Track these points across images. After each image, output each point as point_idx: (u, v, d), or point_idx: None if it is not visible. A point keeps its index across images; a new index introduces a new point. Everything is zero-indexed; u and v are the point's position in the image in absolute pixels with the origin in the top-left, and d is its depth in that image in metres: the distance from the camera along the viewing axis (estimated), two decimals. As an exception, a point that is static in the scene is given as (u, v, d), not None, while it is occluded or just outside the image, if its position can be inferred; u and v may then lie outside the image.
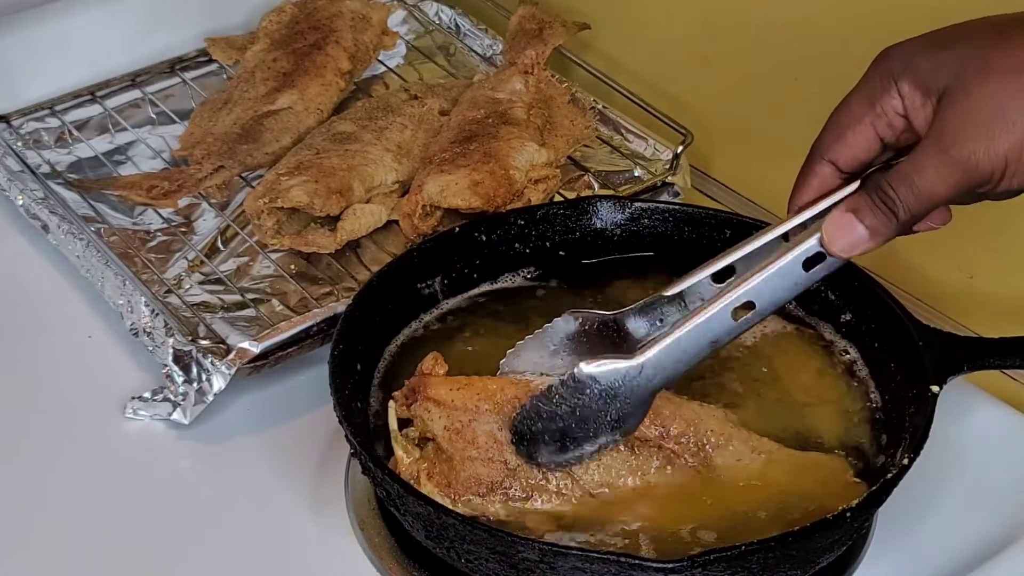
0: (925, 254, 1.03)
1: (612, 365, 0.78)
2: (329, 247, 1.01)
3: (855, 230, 0.75)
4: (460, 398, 0.80)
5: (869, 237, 0.75)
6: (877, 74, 0.76)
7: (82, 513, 0.87)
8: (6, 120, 1.16)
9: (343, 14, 1.20)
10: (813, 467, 0.82)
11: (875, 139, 0.77)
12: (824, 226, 0.76)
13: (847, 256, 0.76)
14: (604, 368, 0.78)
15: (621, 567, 0.72)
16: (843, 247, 0.76)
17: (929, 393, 0.82)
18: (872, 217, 0.75)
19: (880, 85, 0.76)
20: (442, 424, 0.80)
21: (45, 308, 1.03)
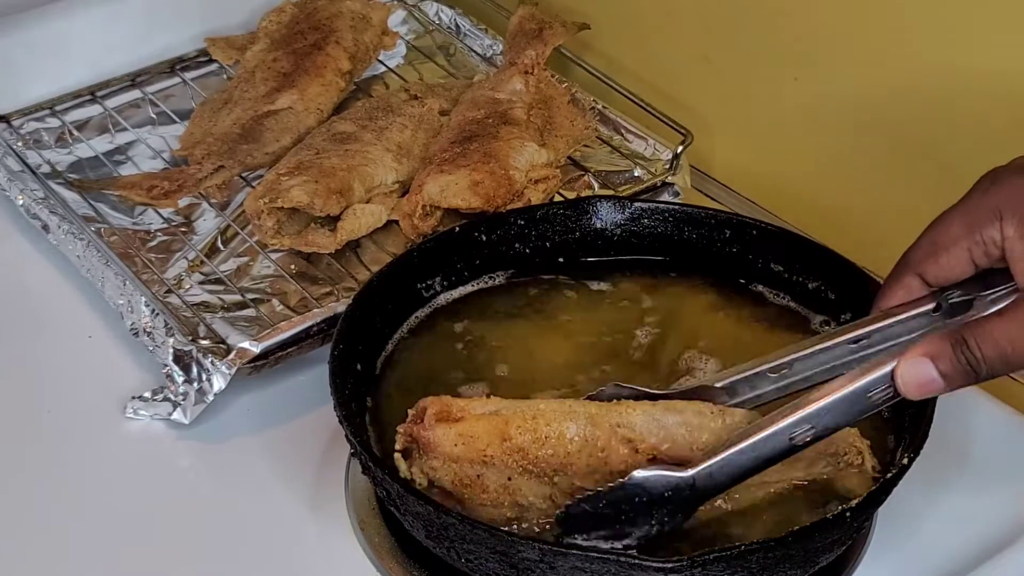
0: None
1: (663, 475, 0.76)
2: (329, 247, 1.01)
3: (931, 376, 0.74)
4: (467, 453, 0.78)
5: (944, 385, 0.74)
6: (983, 203, 0.76)
7: (82, 513, 0.87)
8: (6, 120, 1.16)
9: (343, 14, 1.20)
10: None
11: (969, 263, 0.77)
12: (899, 367, 0.75)
13: (917, 399, 0.76)
14: (655, 476, 0.76)
15: (621, 567, 0.72)
16: (914, 391, 0.75)
17: (929, 393, 0.82)
18: (950, 368, 0.74)
19: (984, 215, 0.75)
20: (449, 479, 0.79)
21: (45, 308, 1.03)
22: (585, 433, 0.78)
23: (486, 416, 0.79)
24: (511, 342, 0.92)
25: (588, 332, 0.93)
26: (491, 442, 0.78)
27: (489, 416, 0.79)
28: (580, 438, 0.78)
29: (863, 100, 1.05)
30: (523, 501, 0.79)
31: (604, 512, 0.77)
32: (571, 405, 0.79)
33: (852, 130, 1.07)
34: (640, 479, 0.76)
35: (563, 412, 0.79)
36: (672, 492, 0.76)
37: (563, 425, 0.78)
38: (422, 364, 0.90)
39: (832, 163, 1.09)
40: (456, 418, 0.79)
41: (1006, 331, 0.73)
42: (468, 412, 0.79)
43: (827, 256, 0.93)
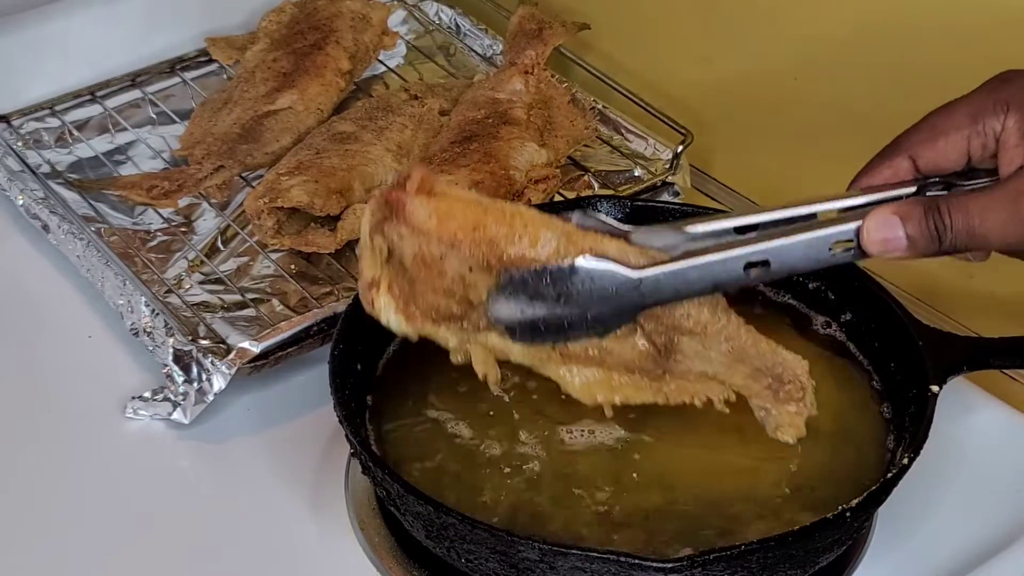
0: (925, 254, 1.03)
1: (613, 269, 0.75)
2: (329, 247, 1.01)
3: (896, 234, 0.74)
4: (437, 229, 0.75)
5: (906, 248, 0.74)
6: (991, 94, 0.76)
7: (82, 513, 0.87)
8: (6, 120, 1.16)
9: (343, 14, 1.20)
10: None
11: (964, 153, 0.76)
12: (867, 219, 0.75)
13: (876, 255, 0.75)
14: (604, 268, 0.75)
15: (621, 567, 0.72)
16: (877, 246, 0.75)
17: (929, 393, 0.82)
18: (918, 231, 0.74)
19: (990, 106, 0.75)
20: (412, 251, 0.76)
21: (45, 308, 1.03)
22: (557, 244, 0.76)
23: (467, 200, 0.77)
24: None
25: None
26: (464, 225, 0.76)
27: (470, 201, 0.77)
28: (551, 248, 0.76)
29: (863, 100, 1.05)
30: (475, 299, 0.77)
31: (545, 289, 0.75)
32: (550, 217, 0.77)
33: (852, 130, 1.07)
34: (590, 265, 0.75)
35: (542, 220, 0.77)
36: (617, 289, 0.75)
37: (539, 230, 0.76)
38: (422, 364, 0.90)
39: (832, 163, 1.09)
40: (437, 192, 0.76)
41: (980, 204, 0.73)
42: (451, 192, 0.77)
43: (827, 256, 0.93)
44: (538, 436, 0.85)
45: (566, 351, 0.78)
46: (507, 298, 0.76)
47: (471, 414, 0.87)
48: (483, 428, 0.86)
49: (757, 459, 0.84)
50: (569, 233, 0.76)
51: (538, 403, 0.87)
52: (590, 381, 0.79)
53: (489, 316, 0.76)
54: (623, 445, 0.85)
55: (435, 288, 0.76)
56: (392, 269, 0.77)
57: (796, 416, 0.80)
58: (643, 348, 0.78)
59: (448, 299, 0.76)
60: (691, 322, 0.78)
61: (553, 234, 0.76)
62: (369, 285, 0.77)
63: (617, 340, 0.78)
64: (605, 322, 0.76)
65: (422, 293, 0.76)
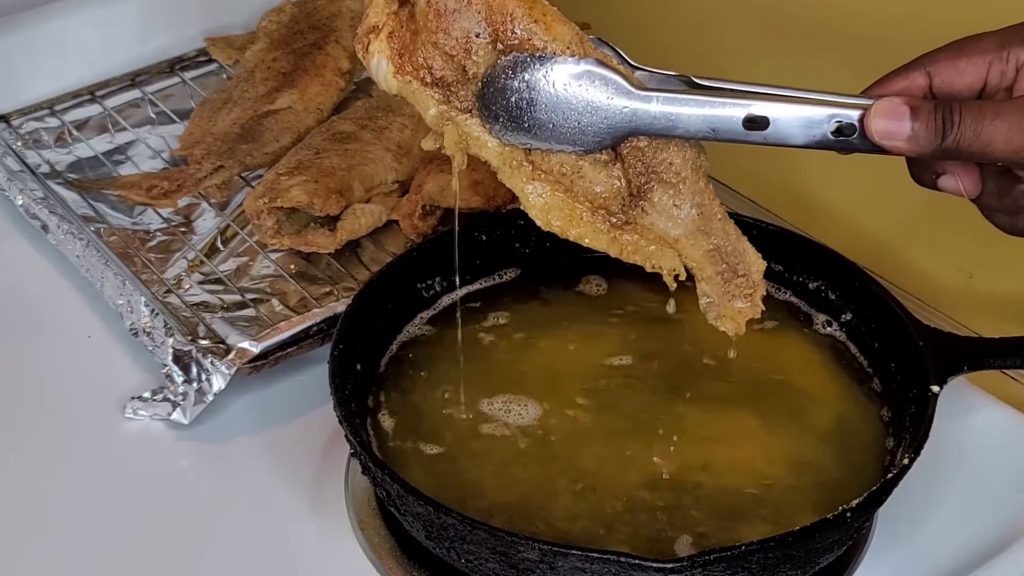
0: (925, 254, 1.03)
1: (616, 79, 0.74)
2: (329, 247, 1.01)
3: (902, 122, 0.73)
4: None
5: (908, 137, 0.73)
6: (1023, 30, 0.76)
7: (82, 513, 0.87)
8: (6, 120, 1.16)
9: (343, 14, 1.20)
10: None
11: (982, 78, 0.76)
12: (875, 104, 0.74)
13: (877, 140, 0.74)
14: (607, 76, 0.74)
15: (621, 567, 0.72)
16: (881, 130, 0.74)
17: (929, 393, 0.82)
18: (923, 124, 0.73)
19: (1020, 39, 0.75)
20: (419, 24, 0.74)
21: (45, 308, 1.03)
22: (569, 42, 0.74)
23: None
24: (512, 343, 0.92)
25: (588, 332, 0.93)
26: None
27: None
28: (563, 42, 0.74)
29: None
30: (472, 70, 0.75)
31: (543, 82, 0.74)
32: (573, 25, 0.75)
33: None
34: (595, 69, 0.74)
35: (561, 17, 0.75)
36: (612, 100, 0.74)
37: (556, 23, 0.74)
38: (422, 365, 0.90)
39: (832, 163, 1.09)
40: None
41: (991, 108, 0.73)
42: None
43: (827, 256, 0.93)
44: (538, 433, 0.85)
45: (539, 162, 0.77)
46: (504, 80, 0.74)
47: (470, 413, 0.87)
48: (483, 427, 0.86)
49: (757, 459, 0.84)
50: (583, 39, 0.75)
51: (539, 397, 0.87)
52: (551, 204, 0.78)
53: (480, 93, 0.75)
54: (621, 443, 0.85)
55: (437, 42, 0.74)
56: (399, 19, 0.75)
57: (740, 313, 0.79)
58: (616, 184, 0.77)
59: (445, 60, 0.75)
60: (671, 172, 0.77)
61: (569, 32, 0.74)
62: (368, 30, 0.75)
63: (594, 165, 0.77)
64: (589, 136, 0.75)
65: (422, 46, 0.74)
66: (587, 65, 0.74)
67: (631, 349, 0.91)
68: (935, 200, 1.02)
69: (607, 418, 0.86)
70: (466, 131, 0.76)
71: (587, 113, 0.75)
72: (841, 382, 0.89)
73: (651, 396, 0.88)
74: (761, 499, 0.81)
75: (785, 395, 0.88)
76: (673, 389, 0.88)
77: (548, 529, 0.79)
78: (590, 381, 0.89)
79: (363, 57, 0.75)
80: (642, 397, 0.88)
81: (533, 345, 0.92)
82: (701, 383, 0.88)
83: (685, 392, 0.88)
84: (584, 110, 0.74)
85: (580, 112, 0.75)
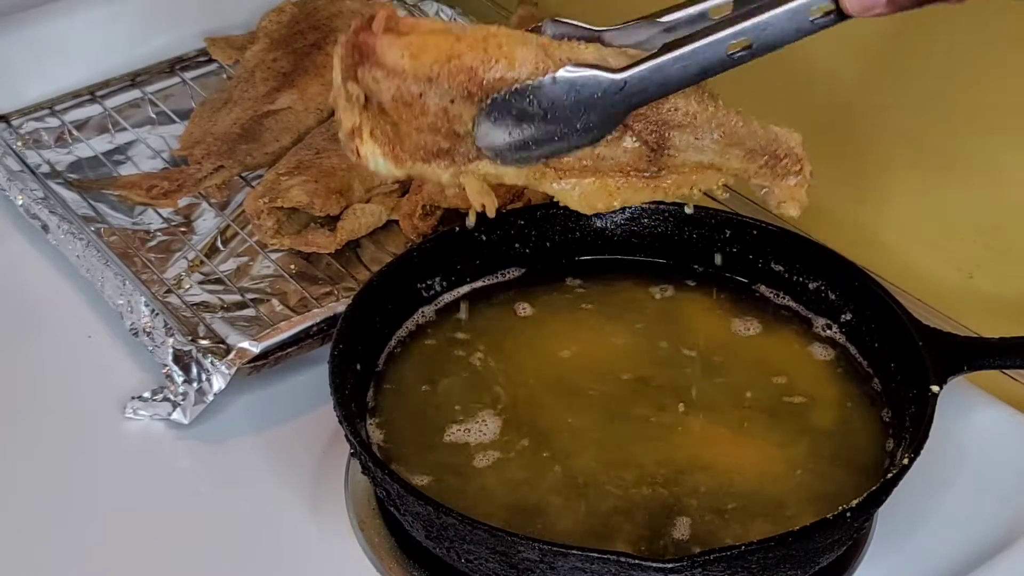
0: (925, 254, 1.03)
1: (595, 75, 0.75)
2: (329, 247, 1.01)
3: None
4: (413, 67, 0.75)
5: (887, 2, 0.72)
6: None
7: (82, 513, 0.87)
8: (6, 120, 1.16)
9: (343, 14, 1.20)
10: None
11: None
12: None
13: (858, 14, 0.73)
14: (586, 76, 0.75)
15: (621, 567, 0.72)
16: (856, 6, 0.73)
17: (929, 393, 0.82)
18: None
19: None
20: (390, 94, 0.75)
21: (45, 308, 1.03)
22: (535, 60, 0.75)
23: (437, 31, 0.76)
24: (512, 343, 0.92)
25: (588, 333, 0.93)
26: (439, 58, 0.75)
27: (440, 31, 0.76)
28: (531, 64, 0.75)
29: (863, 99, 1.05)
30: (461, 129, 0.76)
31: (530, 107, 0.75)
32: (525, 35, 0.77)
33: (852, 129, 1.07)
34: (571, 75, 0.74)
35: (516, 38, 0.76)
36: (602, 94, 0.75)
37: (515, 49, 0.75)
38: (422, 365, 0.90)
39: (832, 163, 1.09)
40: (405, 30, 0.75)
41: None
42: (418, 27, 0.76)
43: (827, 256, 0.93)
44: (537, 434, 0.85)
45: (559, 165, 0.77)
46: (493, 123, 0.75)
47: (472, 413, 0.87)
48: (483, 426, 0.86)
49: (757, 459, 0.84)
50: (544, 46, 0.76)
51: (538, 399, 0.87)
52: (588, 191, 0.79)
53: (478, 144, 0.76)
54: (621, 444, 0.85)
55: (419, 126, 0.75)
56: (372, 114, 0.76)
57: (796, 188, 0.79)
58: (635, 149, 0.78)
59: (434, 135, 0.75)
60: (679, 115, 0.78)
61: (529, 51, 0.75)
62: (351, 134, 0.76)
63: (608, 145, 0.77)
64: (594, 130, 0.76)
65: (407, 134, 0.75)
66: (564, 74, 0.74)
67: (631, 350, 0.91)
68: (935, 200, 1.02)
69: (607, 418, 0.86)
70: (482, 173, 0.77)
71: (583, 114, 0.75)
72: (841, 383, 0.89)
73: (651, 397, 0.88)
74: (761, 499, 0.81)
75: (785, 396, 0.88)
76: (673, 390, 0.88)
77: (547, 530, 0.79)
78: (589, 381, 0.89)
79: (357, 161, 0.76)
80: (642, 398, 0.88)
81: (532, 345, 0.92)
82: (701, 384, 0.88)
83: (685, 393, 0.88)
84: (579, 113, 0.75)
85: (576, 116, 0.75)
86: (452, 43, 0.75)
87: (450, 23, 0.77)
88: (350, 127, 0.76)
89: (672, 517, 0.80)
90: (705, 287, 0.96)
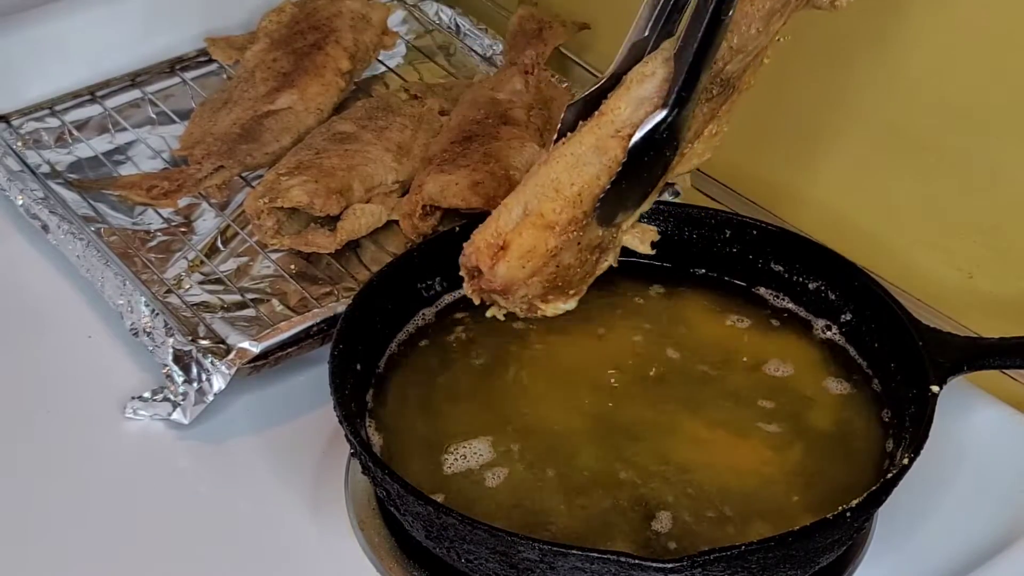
0: (925, 254, 1.03)
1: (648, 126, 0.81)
2: (329, 247, 1.01)
3: None
4: (535, 265, 0.83)
5: None
6: None
7: (81, 513, 0.87)
8: (6, 120, 1.16)
9: (343, 14, 1.20)
10: None
11: None
12: None
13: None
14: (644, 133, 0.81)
15: (621, 567, 0.72)
16: None
17: (929, 393, 0.82)
18: None
19: None
20: (541, 289, 0.84)
21: (45, 308, 1.03)
22: (603, 163, 0.82)
23: (523, 225, 0.82)
24: (512, 343, 0.92)
25: (588, 334, 0.92)
26: (546, 239, 0.82)
27: (525, 222, 0.82)
28: (604, 170, 0.82)
29: (862, 99, 1.05)
30: (597, 242, 0.84)
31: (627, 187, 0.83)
32: (571, 150, 0.83)
33: (851, 129, 1.07)
34: (635, 145, 0.81)
35: (574, 164, 0.83)
36: (665, 130, 0.81)
37: (584, 173, 0.82)
38: (422, 365, 0.90)
39: (832, 163, 1.09)
40: (503, 246, 0.83)
41: None
42: (505, 232, 0.83)
43: (827, 256, 0.93)
44: (536, 433, 0.85)
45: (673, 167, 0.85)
46: (615, 213, 0.84)
47: (471, 412, 0.87)
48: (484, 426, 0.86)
49: (756, 459, 0.84)
50: (595, 146, 0.82)
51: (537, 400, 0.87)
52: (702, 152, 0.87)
53: (614, 232, 0.86)
54: (620, 444, 0.85)
55: (571, 269, 0.84)
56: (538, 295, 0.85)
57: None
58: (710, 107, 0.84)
59: (585, 263, 0.84)
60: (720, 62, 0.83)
61: (591, 164, 0.82)
62: (528, 311, 0.86)
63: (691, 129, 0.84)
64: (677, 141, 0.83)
65: (569, 279, 0.84)
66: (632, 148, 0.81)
67: (632, 351, 0.91)
68: (935, 200, 1.02)
69: (607, 418, 0.86)
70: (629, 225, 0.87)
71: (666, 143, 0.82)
72: (841, 383, 0.89)
73: (651, 398, 0.88)
74: (761, 499, 0.81)
75: (785, 396, 0.88)
76: (673, 391, 0.88)
77: (546, 529, 0.79)
78: (589, 382, 0.89)
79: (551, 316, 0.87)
80: (642, 399, 0.88)
81: (531, 345, 0.92)
82: (701, 385, 0.88)
83: (684, 393, 0.88)
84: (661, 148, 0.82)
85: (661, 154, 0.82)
86: (540, 221, 0.82)
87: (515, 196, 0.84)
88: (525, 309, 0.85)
89: (671, 517, 0.80)
90: (704, 287, 0.96)
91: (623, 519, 0.80)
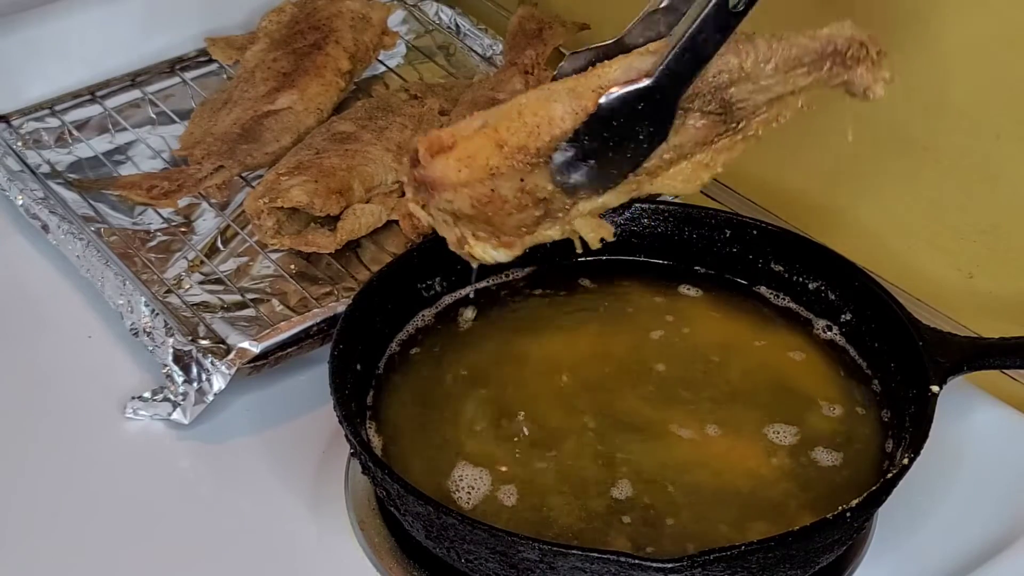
0: (925, 254, 1.03)
1: (628, 90, 0.78)
2: (329, 247, 1.01)
3: None
4: (473, 174, 0.79)
5: None
6: None
7: (82, 513, 0.87)
8: (6, 120, 1.16)
9: (343, 14, 1.20)
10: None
11: None
12: None
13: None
14: (622, 95, 0.78)
15: (621, 567, 0.72)
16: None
17: (929, 393, 0.82)
18: None
19: None
20: (468, 204, 0.80)
21: (45, 308, 1.03)
22: (572, 107, 0.79)
23: (476, 133, 0.80)
24: (512, 343, 0.92)
25: (588, 333, 0.93)
26: (491, 154, 0.79)
27: (478, 131, 0.80)
28: (570, 113, 0.79)
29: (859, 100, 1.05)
30: (543, 194, 0.80)
31: (591, 144, 0.79)
32: (550, 89, 0.80)
33: (851, 129, 1.07)
34: (608, 102, 0.78)
35: (543, 97, 0.80)
36: (643, 103, 0.78)
37: (547, 108, 0.79)
38: (423, 365, 0.90)
39: (832, 164, 1.09)
40: (449, 146, 0.80)
41: None
42: (458, 135, 0.80)
43: (827, 256, 0.93)
44: (535, 433, 0.85)
45: (647, 169, 0.81)
46: (569, 173, 0.80)
47: (471, 411, 0.87)
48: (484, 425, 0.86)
49: (756, 459, 0.84)
50: (572, 89, 0.79)
51: (537, 399, 0.87)
52: (687, 175, 0.83)
53: (567, 196, 0.80)
54: (620, 443, 0.85)
55: (508, 211, 0.80)
56: (465, 222, 0.80)
57: (874, 70, 0.81)
58: (705, 123, 0.81)
59: (525, 211, 0.80)
60: (725, 75, 0.80)
61: (561, 103, 0.79)
62: (458, 243, 0.81)
63: (678, 133, 0.81)
64: (655, 133, 0.79)
65: (501, 222, 0.80)
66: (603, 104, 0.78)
67: (632, 351, 0.91)
68: (935, 200, 1.02)
69: (606, 418, 0.86)
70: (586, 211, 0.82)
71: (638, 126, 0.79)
72: (841, 383, 0.89)
73: (650, 397, 0.88)
74: (761, 499, 0.81)
75: (785, 396, 0.88)
76: (673, 391, 0.88)
77: (545, 528, 0.79)
78: (589, 381, 0.89)
79: (473, 262, 0.83)
80: (642, 398, 0.88)
81: (530, 345, 0.92)
82: (701, 385, 0.88)
83: (685, 394, 0.88)
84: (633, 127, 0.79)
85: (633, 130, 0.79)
86: (493, 135, 0.79)
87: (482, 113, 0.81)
88: (455, 240, 0.81)
89: (671, 517, 0.80)
90: (704, 287, 0.96)
91: (623, 519, 0.80)
